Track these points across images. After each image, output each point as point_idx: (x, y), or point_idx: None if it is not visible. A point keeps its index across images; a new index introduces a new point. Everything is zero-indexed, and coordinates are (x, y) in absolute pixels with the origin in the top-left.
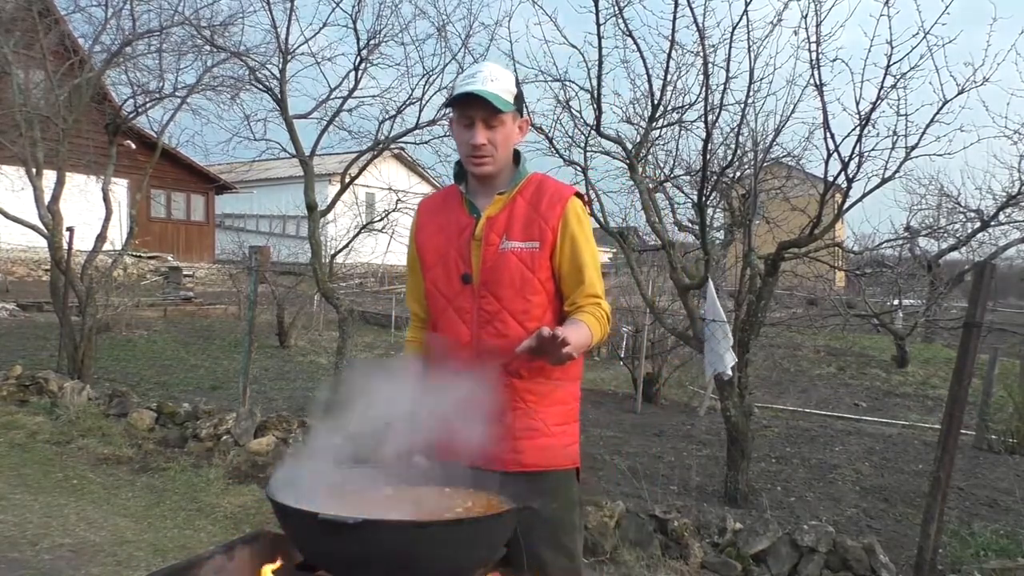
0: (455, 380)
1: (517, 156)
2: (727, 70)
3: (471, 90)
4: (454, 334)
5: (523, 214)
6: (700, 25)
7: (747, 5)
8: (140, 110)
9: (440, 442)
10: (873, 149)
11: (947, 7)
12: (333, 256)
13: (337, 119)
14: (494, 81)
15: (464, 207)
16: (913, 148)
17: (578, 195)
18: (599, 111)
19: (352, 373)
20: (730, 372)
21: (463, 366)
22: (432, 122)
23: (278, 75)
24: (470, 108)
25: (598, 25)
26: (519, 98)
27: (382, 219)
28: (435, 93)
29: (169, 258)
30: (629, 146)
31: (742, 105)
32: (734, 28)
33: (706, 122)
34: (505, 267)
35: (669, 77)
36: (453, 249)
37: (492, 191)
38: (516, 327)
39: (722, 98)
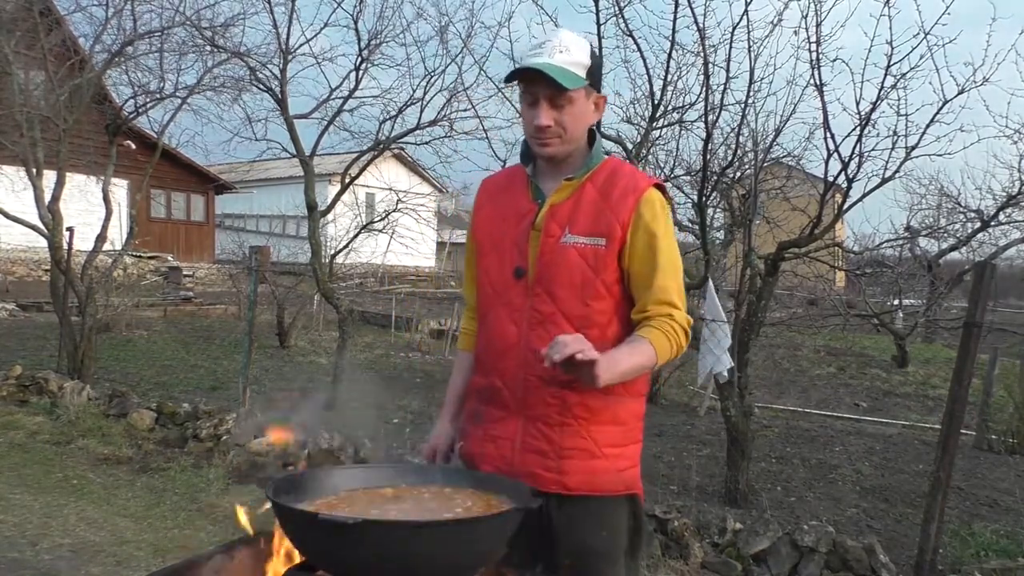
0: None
1: (592, 136)
2: (727, 70)
3: (534, 64)
4: (500, 335)
5: (591, 204)
6: (700, 25)
7: (747, 5)
8: (140, 110)
9: (474, 451)
10: (873, 149)
11: (948, 7)
12: (333, 256)
13: (337, 119)
14: (564, 52)
15: (528, 191)
16: (913, 148)
17: (658, 186)
18: None
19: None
20: (726, 374)
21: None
22: (433, 122)
23: (279, 75)
24: (533, 84)
25: (598, 25)
26: (594, 71)
27: (382, 219)
28: (436, 94)
29: (169, 258)
30: (629, 146)
31: (742, 105)
32: (734, 28)
33: (706, 122)
34: (564, 263)
35: (669, 77)
36: (509, 237)
37: (560, 175)
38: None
39: (722, 98)
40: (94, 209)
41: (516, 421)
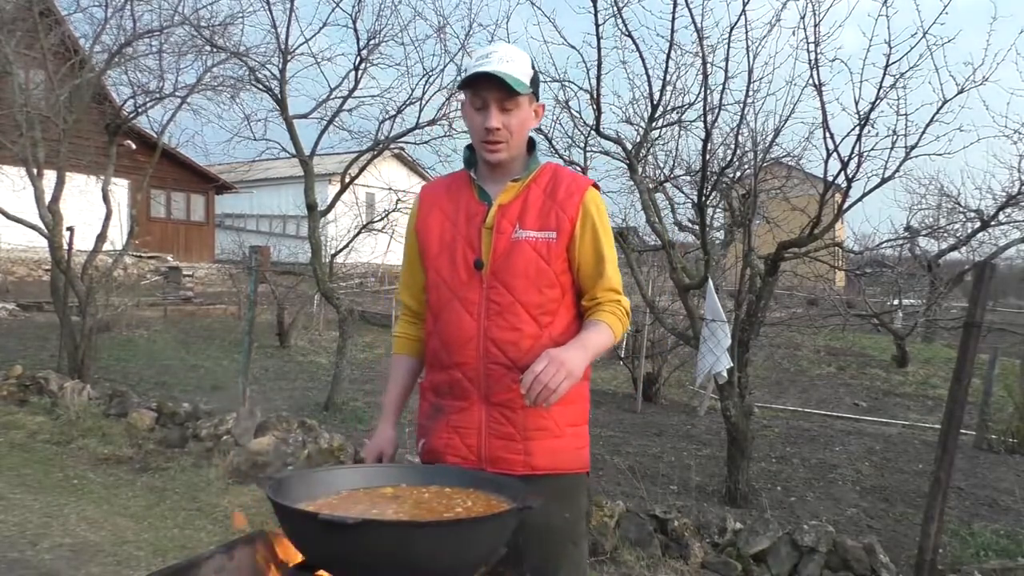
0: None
1: (531, 144)
2: (726, 70)
3: (486, 70)
4: (458, 327)
5: (538, 203)
6: (698, 25)
7: (745, 5)
8: (140, 110)
9: (438, 445)
10: (873, 149)
11: (945, 7)
12: (333, 256)
13: (337, 119)
14: (509, 62)
15: (474, 193)
16: (913, 148)
17: (595, 185)
18: (598, 111)
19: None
20: (724, 375)
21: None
22: (432, 122)
23: (278, 75)
24: (484, 89)
25: (597, 25)
26: (535, 81)
27: (382, 219)
28: (435, 93)
29: (169, 258)
30: (629, 146)
31: (741, 105)
32: (732, 28)
33: (705, 122)
34: (519, 256)
35: (668, 77)
36: (461, 237)
37: (504, 177)
38: (529, 322)
39: (721, 98)
40: (94, 209)
41: (480, 409)
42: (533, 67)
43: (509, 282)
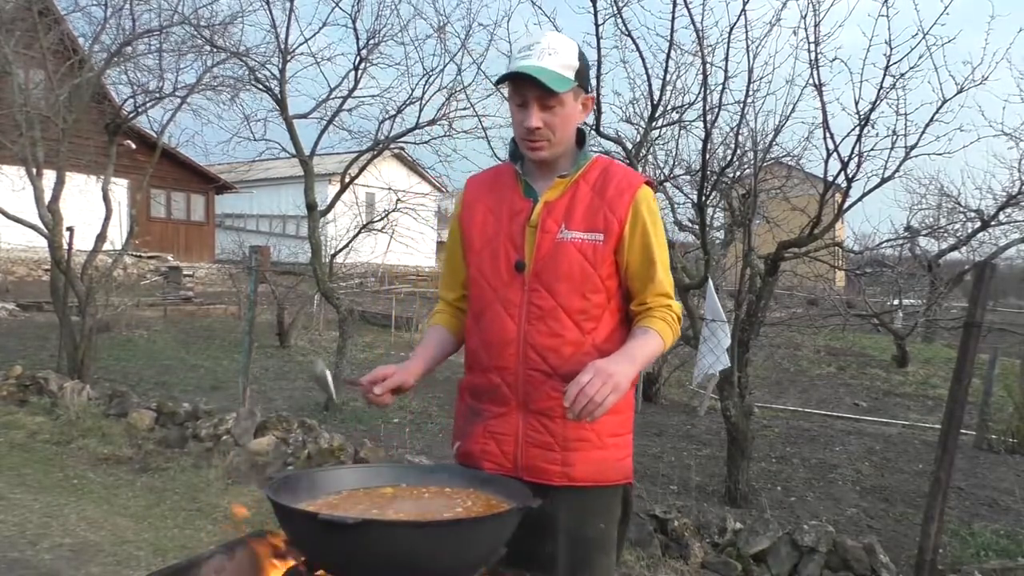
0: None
1: (580, 136)
2: (726, 70)
3: (524, 68)
4: (498, 330)
5: (586, 201)
6: (698, 25)
7: (745, 5)
8: (140, 110)
9: (474, 450)
10: (873, 149)
11: (946, 7)
12: (333, 256)
13: (337, 119)
14: (552, 55)
15: (519, 188)
16: (913, 148)
17: (648, 183)
18: (598, 111)
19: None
20: (718, 374)
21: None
22: (432, 122)
23: (278, 75)
24: (523, 86)
25: (596, 25)
26: (582, 72)
27: (382, 219)
28: (435, 93)
29: (169, 258)
30: (629, 146)
31: (741, 105)
32: (732, 28)
33: (705, 122)
34: (563, 259)
35: (668, 77)
36: (503, 234)
37: (551, 173)
38: (572, 328)
39: (721, 98)
40: (94, 209)
41: (517, 416)
42: (580, 57)
43: (552, 285)
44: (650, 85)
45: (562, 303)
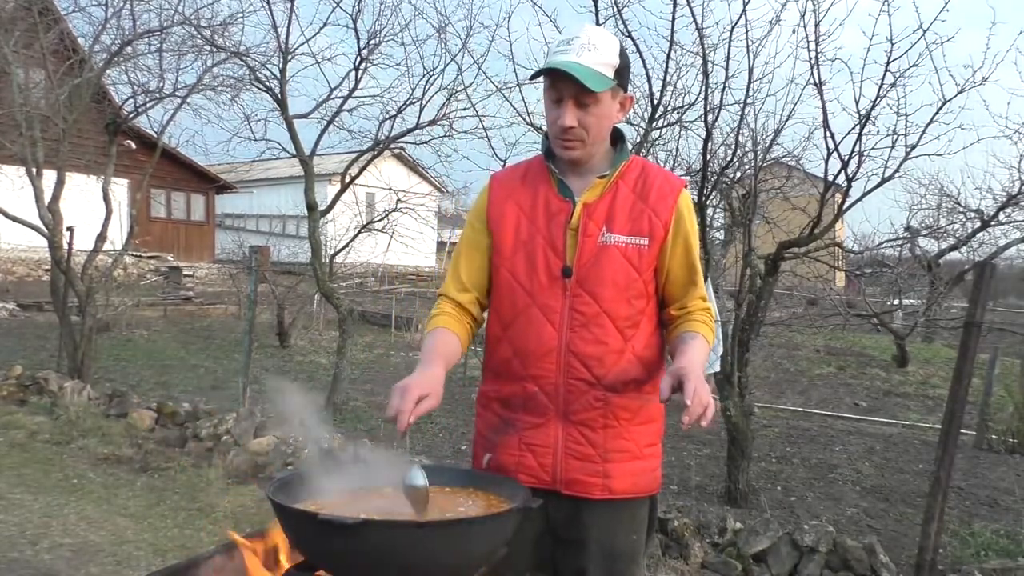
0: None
1: (617, 135)
2: (726, 69)
3: (561, 64)
4: (537, 338)
5: (628, 203)
6: (699, 25)
7: (745, 5)
8: (140, 110)
9: (508, 462)
10: (873, 148)
11: (946, 4)
12: (333, 256)
13: (337, 119)
14: (592, 51)
15: (554, 187)
16: (913, 148)
17: (686, 186)
18: None
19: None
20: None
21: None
22: (432, 122)
23: (278, 75)
24: (560, 82)
25: (597, 25)
26: (622, 71)
27: (382, 219)
28: (435, 93)
29: (169, 258)
30: (629, 146)
31: (742, 105)
32: (732, 27)
33: (706, 122)
34: (608, 263)
35: (668, 77)
36: (541, 237)
37: (588, 172)
38: (616, 335)
39: (722, 98)
40: (94, 209)
41: (556, 427)
42: (622, 55)
43: (596, 291)
44: (650, 85)
45: (607, 309)
